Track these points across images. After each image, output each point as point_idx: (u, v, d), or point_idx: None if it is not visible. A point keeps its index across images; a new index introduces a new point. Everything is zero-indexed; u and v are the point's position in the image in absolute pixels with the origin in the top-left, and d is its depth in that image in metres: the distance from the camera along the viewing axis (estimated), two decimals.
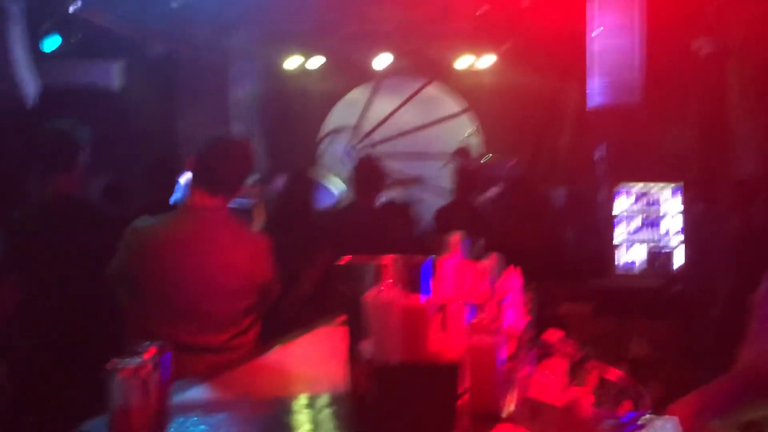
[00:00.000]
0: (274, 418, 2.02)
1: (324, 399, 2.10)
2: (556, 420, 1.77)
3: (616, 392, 2.21)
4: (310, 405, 2.08)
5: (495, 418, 1.92)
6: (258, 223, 5.98)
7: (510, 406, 2.00)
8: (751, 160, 7.25)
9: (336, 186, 8.75)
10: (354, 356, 1.99)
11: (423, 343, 1.80)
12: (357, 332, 2.17)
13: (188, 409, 1.98)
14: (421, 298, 1.97)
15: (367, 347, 1.92)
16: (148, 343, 1.82)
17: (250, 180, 8.51)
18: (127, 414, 1.64)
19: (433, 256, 2.36)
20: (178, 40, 10.31)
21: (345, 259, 2.24)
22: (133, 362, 1.68)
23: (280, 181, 6.83)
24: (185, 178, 4.99)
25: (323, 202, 6.20)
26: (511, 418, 1.93)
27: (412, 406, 1.75)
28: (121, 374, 1.65)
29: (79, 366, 3.85)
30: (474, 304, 2.30)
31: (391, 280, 2.06)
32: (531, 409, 1.83)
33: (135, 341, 3.22)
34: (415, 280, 2.15)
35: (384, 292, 1.84)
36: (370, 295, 1.85)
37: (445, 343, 1.89)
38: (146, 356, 1.75)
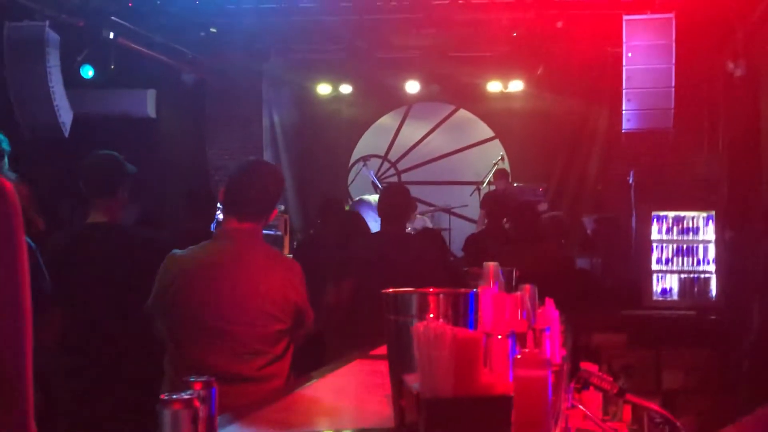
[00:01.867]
0: None
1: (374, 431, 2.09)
2: None
3: (652, 426, 2.18)
4: None
5: None
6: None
7: None
8: None
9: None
10: (399, 389, 1.98)
11: (475, 375, 1.79)
12: (400, 363, 2.17)
13: None
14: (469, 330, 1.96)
15: (414, 380, 1.91)
16: (194, 377, 1.83)
17: (279, 207, 8.59)
18: None
19: (471, 287, 2.35)
20: (210, 67, 10.45)
21: (390, 289, 2.23)
22: (184, 395, 1.68)
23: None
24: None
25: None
26: None
27: None
28: (172, 406, 1.65)
29: (117, 394, 3.90)
30: (515, 336, 2.29)
31: (436, 313, 2.06)
32: None
33: (174, 369, 3.29)
34: (460, 312, 2.15)
35: (434, 324, 1.83)
36: (420, 327, 1.84)
37: (494, 375, 1.88)
38: (195, 389, 1.76)
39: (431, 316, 2.08)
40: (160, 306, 3.39)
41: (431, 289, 2.15)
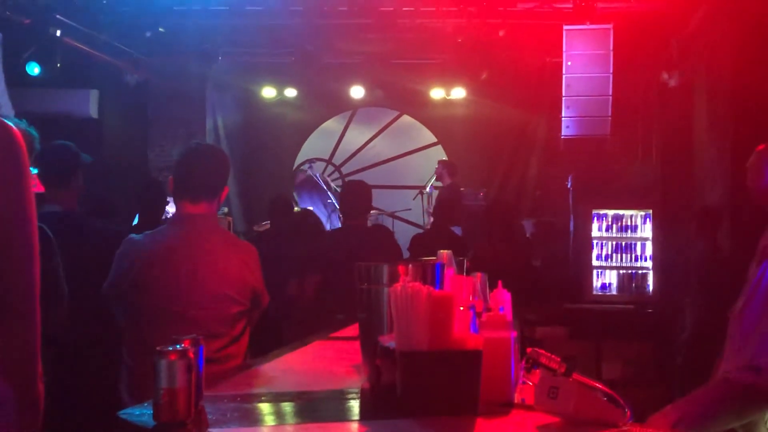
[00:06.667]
0: (308, 406, 2.12)
1: (348, 391, 2.20)
2: (573, 396, 1.89)
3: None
4: (336, 396, 2.18)
5: (508, 404, 2.04)
6: None
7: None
8: (716, 188, 7.49)
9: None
10: (374, 350, 2.10)
11: (448, 331, 1.92)
12: (373, 328, 2.30)
13: (220, 399, 2.07)
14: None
15: (388, 339, 2.04)
16: (182, 337, 1.91)
17: (223, 209, 8.57)
18: (173, 395, 1.72)
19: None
20: (155, 68, 10.41)
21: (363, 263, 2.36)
22: (179, 347, 1.77)
23: None
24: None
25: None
26: (523, 404, 2.05)
27: (440, 391, 1.87)
28: (169, 357, 1.73)
29: (73, 378, 3.92)
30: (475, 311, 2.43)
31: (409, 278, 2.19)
32: (548, 390, 1.93)
33: (131, 354, 3.33)
34: (428, 281, 2.29)
35: (410, 284, 1.96)
36: (397, 287, 1.96)
37: (465, 332, 2.02)
38: (186, 344, 1.85)
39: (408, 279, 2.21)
40: (117, 290, 3.40)
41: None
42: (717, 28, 7.67)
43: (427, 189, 10.86)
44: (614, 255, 7.64)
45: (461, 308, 2.23)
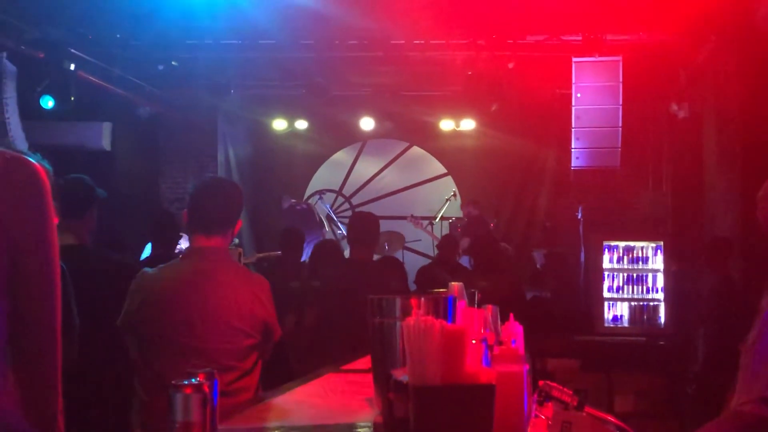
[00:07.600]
0: None
1: (360, 425, 2.20)
2: (586, 430, 1.89)
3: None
4: (348, 430, 2.18)
5: None
6: None
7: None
8: (726, 219, 7.48)
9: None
10: (387, 383, 2.10)
11: (461, 365, 1.92)
12: (385, 361, 2.31)
13: None
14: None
15: (401, 373, 2.04)
16: (196, 371, 1.92)
17: (234, 241, 8.62)
18: (188, 428, 1.73)
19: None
20: (167, 101, 10.50)
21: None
22: (194, 381, 1.79)
23: None
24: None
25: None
26: None
27: (452, 425, 1.87)
28: (184, 390, 1.75)
29: (88, 412, 3.93)
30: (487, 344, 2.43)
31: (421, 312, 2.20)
32: (561, 425, 1.94)
33: (143, 387, 3.34)
34: (440, 314, 2.30)
35: (423, 318, 1.97)
36: (410, 321, 1.97)
37: (478, 366, 2.02)
38: (201, 378, 1.86)
39: (420, 313, 2.22)
40: (130, 323, 3.43)
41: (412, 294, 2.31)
42: (725, 59, 7.71)
43: (437, 220, 10.89)
44: (626, 287, 7.62)
45: (473, 341, 2.24)
